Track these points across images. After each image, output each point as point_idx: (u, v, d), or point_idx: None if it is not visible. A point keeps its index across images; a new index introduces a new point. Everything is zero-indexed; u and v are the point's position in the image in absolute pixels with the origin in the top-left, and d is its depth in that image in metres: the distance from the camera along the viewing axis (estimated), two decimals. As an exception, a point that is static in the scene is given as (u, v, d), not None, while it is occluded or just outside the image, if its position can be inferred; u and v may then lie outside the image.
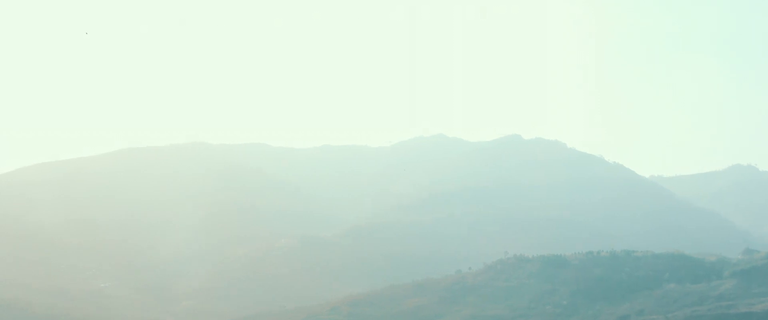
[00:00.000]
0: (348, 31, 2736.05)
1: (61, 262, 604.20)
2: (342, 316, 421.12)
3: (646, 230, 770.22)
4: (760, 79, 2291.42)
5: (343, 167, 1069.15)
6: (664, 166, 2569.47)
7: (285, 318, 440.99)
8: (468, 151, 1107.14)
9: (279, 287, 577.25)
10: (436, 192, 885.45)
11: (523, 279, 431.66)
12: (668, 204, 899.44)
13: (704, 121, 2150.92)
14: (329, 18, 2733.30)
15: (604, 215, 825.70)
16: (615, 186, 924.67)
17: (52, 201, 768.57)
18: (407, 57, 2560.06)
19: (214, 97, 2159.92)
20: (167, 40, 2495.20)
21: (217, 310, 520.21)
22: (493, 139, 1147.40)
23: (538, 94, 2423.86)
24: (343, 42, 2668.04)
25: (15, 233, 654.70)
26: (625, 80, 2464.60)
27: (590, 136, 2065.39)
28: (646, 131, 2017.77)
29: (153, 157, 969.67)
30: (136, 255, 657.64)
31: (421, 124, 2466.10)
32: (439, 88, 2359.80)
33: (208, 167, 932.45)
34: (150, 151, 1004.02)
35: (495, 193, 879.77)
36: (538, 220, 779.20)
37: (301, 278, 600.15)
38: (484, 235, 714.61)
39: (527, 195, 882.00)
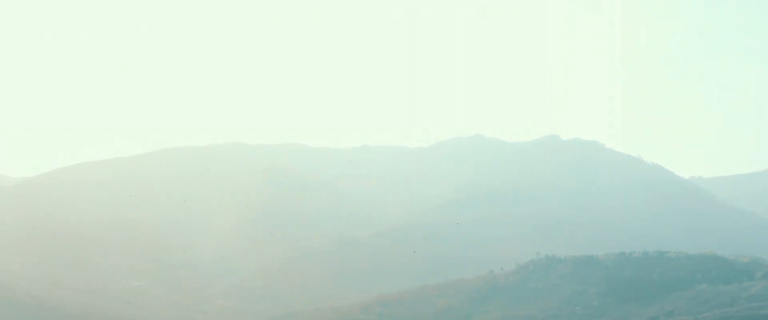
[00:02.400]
0: (384, 33, 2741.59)
1: (99, 261, 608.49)
2: (373, 316, 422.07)
3: (684, 231, 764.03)
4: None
5: (381, 167, 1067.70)
6: (704, 167, 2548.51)
7: (317, 317, 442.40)
8: (506, 151, 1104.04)
9: (313, 287, 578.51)
10: (474, 193, 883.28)
11: (554, 280, 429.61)
12: (707, 205, 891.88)
13: (745, 122, 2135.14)
14: (365, 19, 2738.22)
15: (642, 216, 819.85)
16: (654, 188, 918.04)
17: (91, 201, 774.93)
18: (442, 58, 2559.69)
19: (252, 98, 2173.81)
20: (206, 43, 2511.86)
21: (251, 310, 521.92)
22: (531, 140, 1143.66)
23: (575, 94, 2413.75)
24: (378, 44, 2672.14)
25: (54, 232, 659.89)
26: (666, 81, 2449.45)
27: (629, 137, 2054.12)
28: (686, 132, 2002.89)
29: (191, 157, 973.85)
30: (173, 254, 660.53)
31: (459, 124, 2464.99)
32: (476, 89, 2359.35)
33: (246, 167, 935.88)
34: (189, 151, 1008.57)
35: (532, 194, 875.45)
36: (576, 221, 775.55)
37: (335, 278, 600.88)
38: (521, 236, 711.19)
39: (565, 196, 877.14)
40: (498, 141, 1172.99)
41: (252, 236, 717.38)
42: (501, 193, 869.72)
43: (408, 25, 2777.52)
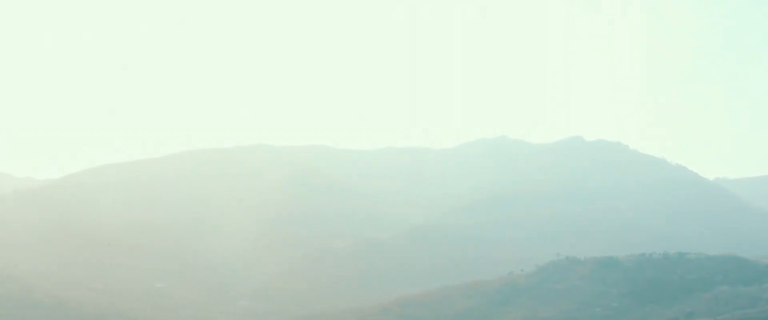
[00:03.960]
0: (407, 35, 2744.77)
1: (122, 262, 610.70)
2: (393, 317, 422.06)
3: (708, 232, 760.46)
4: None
5: (405, 169, 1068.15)
6: (729, 168, 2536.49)
7: (337, 318, 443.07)
8: (530, 153, 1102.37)
9: (335, 288, 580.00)
10: (497, 194, 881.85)
11: (574, 281, 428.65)
12: (732, 206, 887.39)
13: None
14: (388, 21, 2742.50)
15: (667, 218, 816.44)
16: (678, 189, 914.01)
17: (115, 202, 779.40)
18: (466, 59, 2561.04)
19: (277, 99, 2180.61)
20: (231, 45, 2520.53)
21: (272, 310, 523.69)
22: (555, 141, 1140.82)
23: (601, 95, 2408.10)
24: (402, 45, 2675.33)
25: (78, 233, 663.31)
26: (691, 81, 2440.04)
27: (654, 138, 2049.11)
28: (711, 133, 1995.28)
29: (215, 158, 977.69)
30: (196, 256, 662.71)
31: (484, 126, 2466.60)
32: (501, 89, 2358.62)
33: (270, 169, 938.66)
34: (212, 152, 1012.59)
35: (556, 195, 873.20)
36: (600, 223, 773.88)
37: (357, 279, 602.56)
38: (544, 237, 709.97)
39: (589, 197, 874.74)
40: (522, 142, 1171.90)
41: (275, 237, 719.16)
42: (525, 194, 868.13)
43: (431, 27, 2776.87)
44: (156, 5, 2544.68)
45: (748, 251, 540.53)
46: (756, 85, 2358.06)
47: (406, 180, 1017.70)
